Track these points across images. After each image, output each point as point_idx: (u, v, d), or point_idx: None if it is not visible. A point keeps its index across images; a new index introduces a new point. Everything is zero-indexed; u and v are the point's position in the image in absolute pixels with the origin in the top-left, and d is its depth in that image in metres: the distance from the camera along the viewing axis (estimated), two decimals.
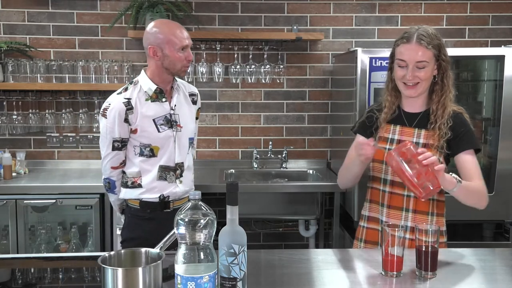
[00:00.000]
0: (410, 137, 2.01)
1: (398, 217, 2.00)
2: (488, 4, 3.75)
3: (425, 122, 2.02)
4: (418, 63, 1.93)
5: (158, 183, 2.34)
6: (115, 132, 2.27)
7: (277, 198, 3.31)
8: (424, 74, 1.94)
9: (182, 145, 2.39)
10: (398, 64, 1.98)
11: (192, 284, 1.28)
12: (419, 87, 1.97)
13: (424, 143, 1.99)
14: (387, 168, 2.01)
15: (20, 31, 3.62)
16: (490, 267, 1.81)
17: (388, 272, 1.64)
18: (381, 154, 2.01)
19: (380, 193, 2.05)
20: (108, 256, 1.44)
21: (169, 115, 2.34)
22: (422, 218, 1.99)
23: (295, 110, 3.80)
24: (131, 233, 2.39)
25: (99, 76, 3.56)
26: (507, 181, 3.08)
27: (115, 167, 2.35)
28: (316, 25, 3.72)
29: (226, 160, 3.78)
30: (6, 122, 3.57)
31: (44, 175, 3.43)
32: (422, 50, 1.93)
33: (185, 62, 2.31)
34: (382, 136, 2.07)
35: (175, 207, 2.38)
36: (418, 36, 1.94)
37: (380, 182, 2.05)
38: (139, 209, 2.37)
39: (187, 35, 2.33)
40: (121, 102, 2.27)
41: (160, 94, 2.34)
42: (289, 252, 2.20)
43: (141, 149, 2.32)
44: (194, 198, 1.32)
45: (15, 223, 3.10)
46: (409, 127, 2.04)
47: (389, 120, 2.07)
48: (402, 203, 2.00)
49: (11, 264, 1.90)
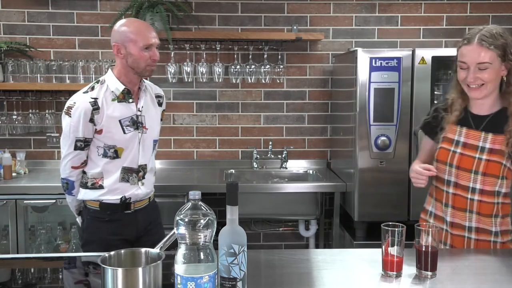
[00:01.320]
0: (476, 140, 1.97)
1: (463, 218, 1.98)
2: (488, 4, 3.75)
3: (493, 125, 1.97)
4: (479, 64, 1.89)
5: (120, 184, 2.28)
6: (78, 132, 2.22)
7: (277, 198, 3.31)
8: (487, 75, 1.89)
9: (146, 147, 2.34)
10: (459, 66, 1.95)
11: (192, 284, 1.28)
12: (483, 89, 1.92)
13: (490, 148, 1.94)
14: (451, 170, 1.99)
15: (20, 31, 3.62)
16: (490, 267, 1.81)
17: (388, 272, 1.64)
18: (445, 155, 2.01)
19: (444, 193, 2.03)
20: (108, 256, 1.43)
21: (135, 117, 2.29)
22: (487, 220, 1.97)
23: (295, 110, 3.80)
24: (91, 236, 2.32)
25: (99, 76, 3.54)
26: None
27: (76, 167, 2.29)
28: (316, 25, 3.72)
29: (226, 160, 3.78)
30: (6, 122, 3.57)
31: (44, 175, 3.43)
32: (484, 51, 1.88)
33: (149, 61, 2.24)
34: (446, 136, 2.04)
35: (136, 208, 2.34)
36: (480, 37, 1.89)
37: (443, 183, 2.03)
38: (98, 211, 2.30)
39: (154, 34, 2.27)
40: (88, 102, 2.21)
41: (127, 94, 2.28)
42: (289, 252, 2.20)
43: (104, 150, 2.26)
44: (194, 198, 1.32)
45: (15, 223, 3.10)
46: (475, 129, 1.99)
47: (456, 121, 2.03)
48: (465, 205, 1.98)
49: (11, 264, 1.90)
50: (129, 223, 2.33)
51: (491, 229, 1.97)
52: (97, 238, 2.29)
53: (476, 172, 1.94)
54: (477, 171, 1.94)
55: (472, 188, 1.95)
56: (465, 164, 1.97)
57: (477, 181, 1.94)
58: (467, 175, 1.96)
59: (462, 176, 1.97)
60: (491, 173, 1.93)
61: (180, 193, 3.12)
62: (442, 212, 2.04)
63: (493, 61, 1.89)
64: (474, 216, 1.97)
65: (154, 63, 2.27)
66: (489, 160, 1.93)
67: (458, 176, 1.97)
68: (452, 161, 1.99)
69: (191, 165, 3.74)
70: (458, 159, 1.98)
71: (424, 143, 2.19)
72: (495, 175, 1.93)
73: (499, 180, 1.93)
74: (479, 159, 1.94)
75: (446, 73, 3.34)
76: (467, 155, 1.97)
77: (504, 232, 1.99)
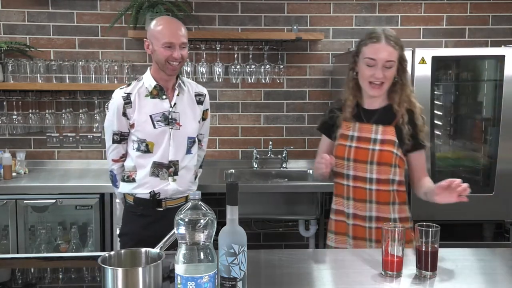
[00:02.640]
0: (369, 133, 2.11)
1: (363, 208, 2.10)
2: (488, 4, 3.75)
3: (382, 118, 2.11)
4: (387, 62, 2.02)
5: (150, 179, 2.36)
6: (114, 125, 2.35)
7: (277, 198, 3.31)
8: (390, 73, 2.04)
9: (178, 144, 2.38)
10: (366, 63, 2.05)
11: (192, 284, 1.28)
12: (384, 87, 2.07)
13: (381, 138, 2.09)
14: (349, 164, 2.11)
15: (20, 31, 3.62)
16: (490, 267, 1.81)
17: (388, 272, 1.64)
18: (342, 151, 2.14)
19: (344, 187, 2.15)
20: (108, 256, 1.44)
21: (167, 113, 2.35)
22: (385, 208, 2.09)
23: (295, 110, 3.80)
24: (125, 229, 2.44)
25: (99, 76, 3.56)
26: (507, 181, 3.08)
27: (115, 160, 2.42)
28: (316, 25, 3.72)
29: (226, 160, 3.78)
30: (6, 122, 3.57)
31: (44, 175, 3.43)
32: (391, 50, 2.02)
33: (170, 58, 2.28)
34: (342, 133, 2.16)
35: (168, 206, 2.39)
36: (387, 37, 2.03)
37: (343, 177, 2.15)
38: (133, 205, 2.41)
39: (180, 33, 2.30)
40: (121, 96, 2.34)
41: (160, 91, 2.36)
42: (289, 252, 2.20)
43: (138, 144, 2.35)
44: (194, 198, 1.32)
45: (15, 223, 3.10)
46: (367, 123, 2.13)
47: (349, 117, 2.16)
48: (365, 195, 2.09)
49: (11, 264, 1.90)
50: (160, 220, 2.37)
51: (389, 217, 2.09)
52: (130, 231, 2.41)
53: (372, 163, 2.08)
54: (372, 161, 2.08)
55: (369, 178, 2.09)
56: (360, 156, 2.10)
57: (373, 171, 2.08)
58: (364, 167, 2.09)
59: (359, 168, 2.10)
60: (385, 162, 2.07)
61: None
62: (343, 205, 2.16)
63: (396, 60, 2.05)
64: (374, 206, 2.09)
65: (175, 62, 2.31)
66: (381, 150, 2.07)
67: (356, 168, 2.10)
68: (349, 155, 2.12)
69: None
70: (354, 152, 2.11)
71: (322, 143, 2.31)
72: (388, 163, 2.07)
73: (392, 168, 2.07)
74: (372, 150, 2.08)
75: (446, 73, 3.34)
76: (362, 148, 2.11)
77: (403, 219, 2.11)
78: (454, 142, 3.33)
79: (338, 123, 2.19)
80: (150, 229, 2.33)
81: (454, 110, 3.37)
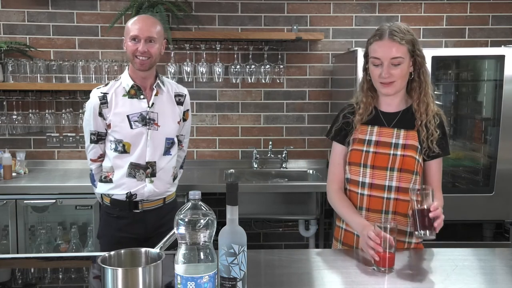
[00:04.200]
0: (389, 137, 1.95)
1: (378, 220, 1.89)
2: (488, 4, 3.75)
3: (404, 121, 1.96)
4: (393, 59, 1.87)
5: (127, 180, 2.33)
6: (91, 125, 2.34)
7: (277, 198, 3.31)
8: (400, 71, 1.88)
9: (156, 144, 2.35)
10: (372, 63, 1.91)
11: (192, 284, 1.28)
12: (395, 85, 1.90)
13: (403, 143, 1.93)
14: (365, 170, 1.95)
15: (20, 31, 3.62)
16: (490, 267, 1.81)
17: (381, 268, 1.67)
18: (358, 156, 1.97)
19: (358, 196, 1.97)
20: (108, 256, 1.44)
21: (145, 113, 2.32)
22: (402, 219, 1.93)
23: (295, 110, 3.80)
24: (103, 230, 2.44)
25: (99, 76, 3.56)
26: (507, 181, 3.08)
27: (94, 160, 2.42)
28: (316, 25, 3.72)
29: (226, 160, 3.78)
30: (6, 122, 3.57)
31: (44, 175, 3.43)
32: (396, 46, 1.86)
33: (136, 52, 2.25)
34: (357, 138, 1.99)
35: (145, 208, 2.37)
36: (391, 32, 1.87)
37: (358, 186, 1.98)
38: (109, 207, 2.39)
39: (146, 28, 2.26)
40: (97, 96, 2.32)
41: (138, 91, 2.33)
42: (289, 252, 2.20)
43: (115, 144, 2.33)
44: (194, 198, 1.32)
45: (15, 223, 3.10)
46: (387, 127, 1.97)
47: (365, 121, 1.99)
48: (381, 205, 1.94)
49: (11, 264, 1.90)
50: (136, 222, 2.36)
51: (406, 229, 1.94)
52: (107, 232, 2.40)
53: (392, 169, 1.92)
54: (393, 167, 1.92)
55: (388, 186, 1.92)
56: (380, 162, 1.93)
57: (393, 179, 1.92)
58: (383, 173, 1.93)
59: (377, 175, 1.93)
60: (407, 169, 1.91)
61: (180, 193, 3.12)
62: None
63: (405, 55, 1.88)
64: (390, 217, 1.93)
65: (142, 56, 2.26)
66: (404, 155, 1.92)
67: (374, 175, 1.93)
68: (366, 161, 1.95)
69: (191, 165, 3.73)
70: (372, 158, 1.94)
71: (336, 153, 2.07)
72: (410, 171, 1.91)
73: (413, 176, 1.92)
74: (394, 155, 1.93)
75: (446, 73, 3.35)
76: (381, 153, 1.94)
77: None
78: (454, 142, 3.33)
79: (354, 128, 2.01)
80: (128, 231, 2.33)
81: (454, 110, 3.37)
